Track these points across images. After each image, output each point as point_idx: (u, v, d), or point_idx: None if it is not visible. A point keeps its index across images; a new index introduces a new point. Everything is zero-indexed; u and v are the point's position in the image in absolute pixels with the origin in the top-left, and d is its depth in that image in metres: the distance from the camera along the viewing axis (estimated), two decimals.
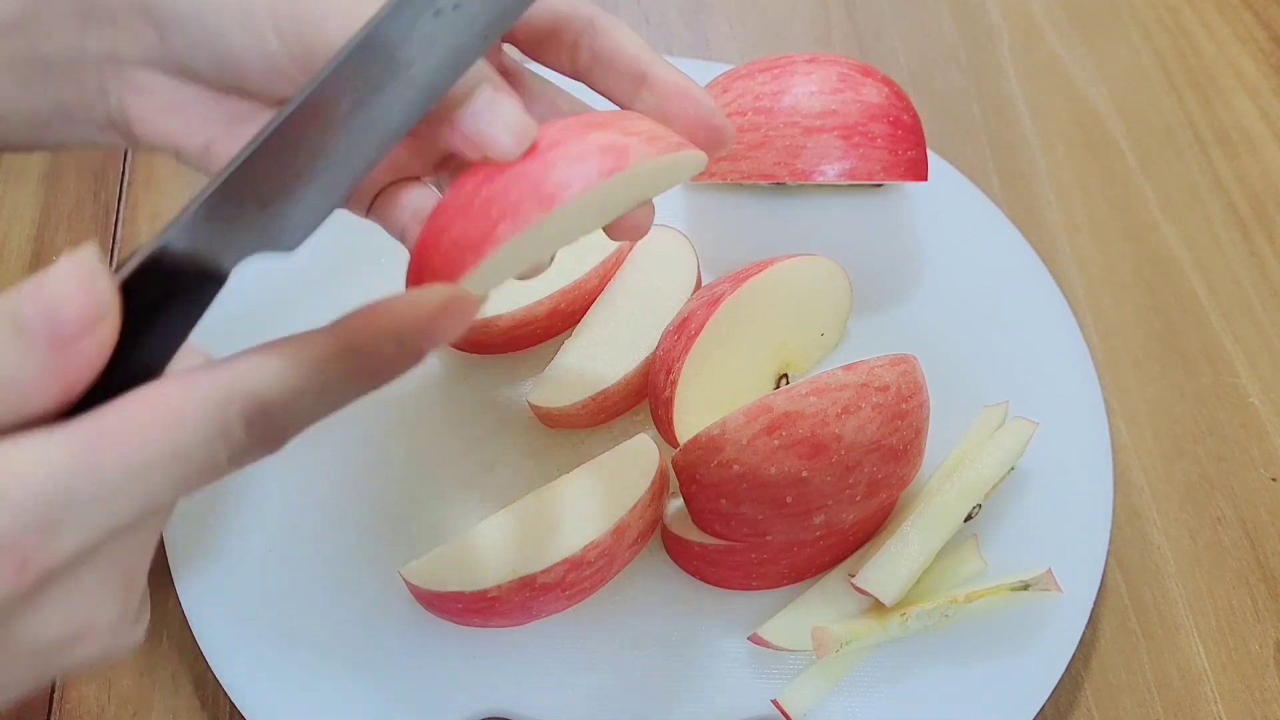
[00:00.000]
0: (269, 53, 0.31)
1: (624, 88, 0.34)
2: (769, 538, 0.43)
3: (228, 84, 0.34)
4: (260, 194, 0.27)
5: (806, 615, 0.44)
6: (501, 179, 0.29)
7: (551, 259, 0.36)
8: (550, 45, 0.36)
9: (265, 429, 0.24)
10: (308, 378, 0.25)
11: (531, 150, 0.30)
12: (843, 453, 0.41)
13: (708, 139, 0.34)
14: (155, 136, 0.35)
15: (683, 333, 0.46)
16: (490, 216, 0.29)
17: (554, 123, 0.31)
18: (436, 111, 0.30)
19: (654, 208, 0.34)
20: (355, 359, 0.25)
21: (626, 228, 0.34)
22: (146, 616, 0.28)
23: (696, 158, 0.33)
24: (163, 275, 0.26)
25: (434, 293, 0.26)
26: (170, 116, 0.35)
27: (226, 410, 0.24)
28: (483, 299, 0.28)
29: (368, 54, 0.28)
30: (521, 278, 0.35)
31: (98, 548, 0.24)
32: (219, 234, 0.27)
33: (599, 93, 0.35)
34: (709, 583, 0.46)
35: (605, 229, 0.34)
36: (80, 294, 0.23)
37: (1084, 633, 0.46)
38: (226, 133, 0.35)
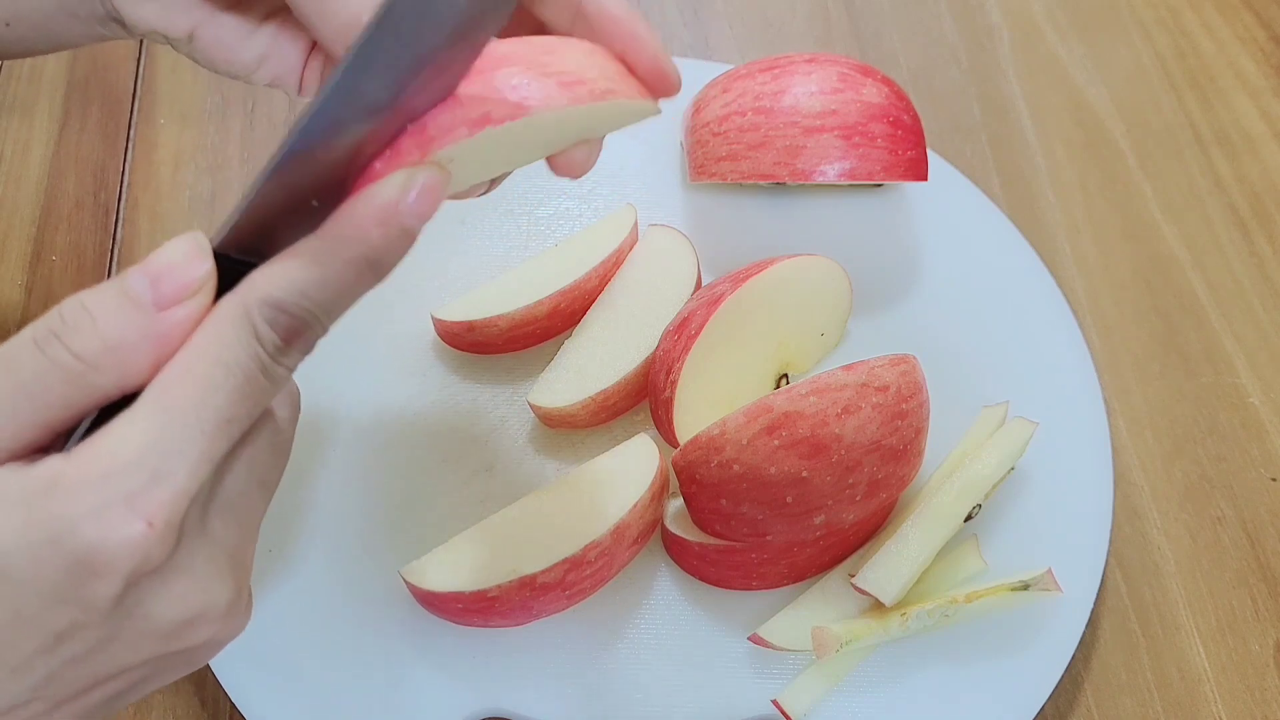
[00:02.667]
0: None
1: (562, 16, 0.33)
2: (769, 538, 0.43)
3: None
4: (310, 182, 0.28)
5: (806, 615, 0.44)
6: (480, 81, 0.29)
7: (486, 187, 0.37)
8: None
9: (287, 325, 0.26)
10: (309, 275, 0.26)
11: (493, 61, 0.29)
12: (843, 453, 0.41)
13: (652, 82, 0.33)
14: (141, 24, 0.38)
15: (683, 333, 0.46)
16: (468, 110, 0.29)
17: (519, 40, 0.30)
18: None
19: (599, 148, 0.34)
20: (347, 249, 0.26)
21: (567, 163, 0.33)
22: (251, 604, 0.29)
23: (650, 108, 0.32)
24: (234, 263, 0.27)
25: (398, 175, 0.27)
26: (150, 5, 0.37)
27: (250, 317, 0.26)
28: (448, 176, 0.28)
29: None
30: (454, 197, 0.35)
31: (204, 519, 0.27)
32: (277, 221, 0.28)
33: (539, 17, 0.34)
34: (709, 583, 0.46)
35: (547, 159, 0.34)
36: (186, 264, 0.26)
37: (1084, 633, 0.46)
38: (210, 20, 0.38)
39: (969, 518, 0.45)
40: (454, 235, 0.53)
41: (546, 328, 0.50)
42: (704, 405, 0.46)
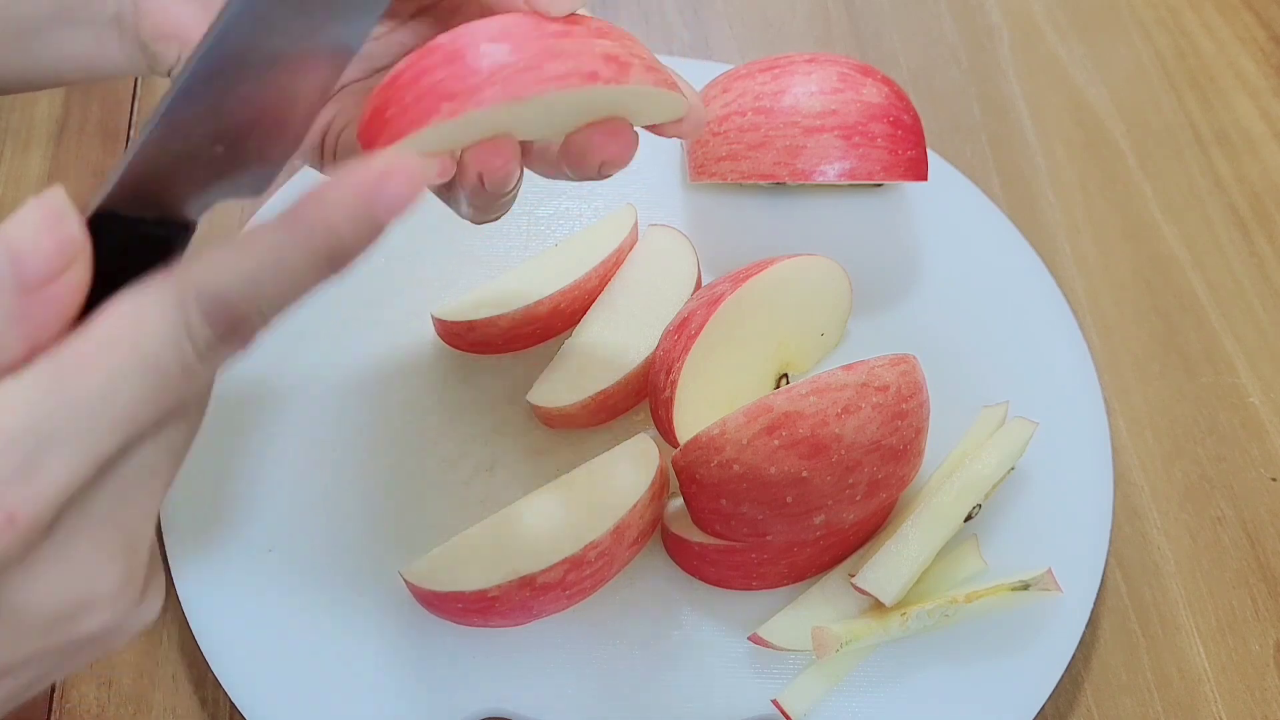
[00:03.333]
0: None
1: None
2: (769, 538, 0.43)
3: None
4: (209, 127, 0.26)
5: (806, 615, 0.44)
6: (497, 46, 0.29)
7: (508, 208, 0.37)
8: None
9: (227, 320, 0.23)
10: (262, 264, 0.23)
11: (541, 32, 0.29)
12: (843, 453, 0.41)
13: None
14: (165, 26, 0.34)
15: (683, 333, 0.46)
16: (480, 75, 0.29)
17: (568, 15, 0.31)
18: None
19: (635, 141, 0.33)
20: (309, 239, 0.23)
21: (602, 152, 0.33)
22: (159, 593, 0.26)
23: (682, 102, 0.33)
24: (129, 222, 0.25)
25: (377, 160, 0.24)
26: (182, 7, 0.34)
27: (185, 307, 0.23)
28: (432, 166, 0.27)
29: None
30: (480, 219, 0.36)
31: (89, 499, 0.23)
32: (176, 172, 0.25)
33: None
34: (709, 583, 0.46)
35: (575, 157, 0.34)
36: (47, 236, 0.22)
37: (1084, 633, 0.46)
38: None
39: (969, 518, 0.45)
40: (454, 235, 0.53)
41: (546, 328, 0.50)
42: (704, 405, 0.46)
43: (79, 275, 0.23)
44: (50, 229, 0.22)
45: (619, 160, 0.33)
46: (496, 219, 0.37)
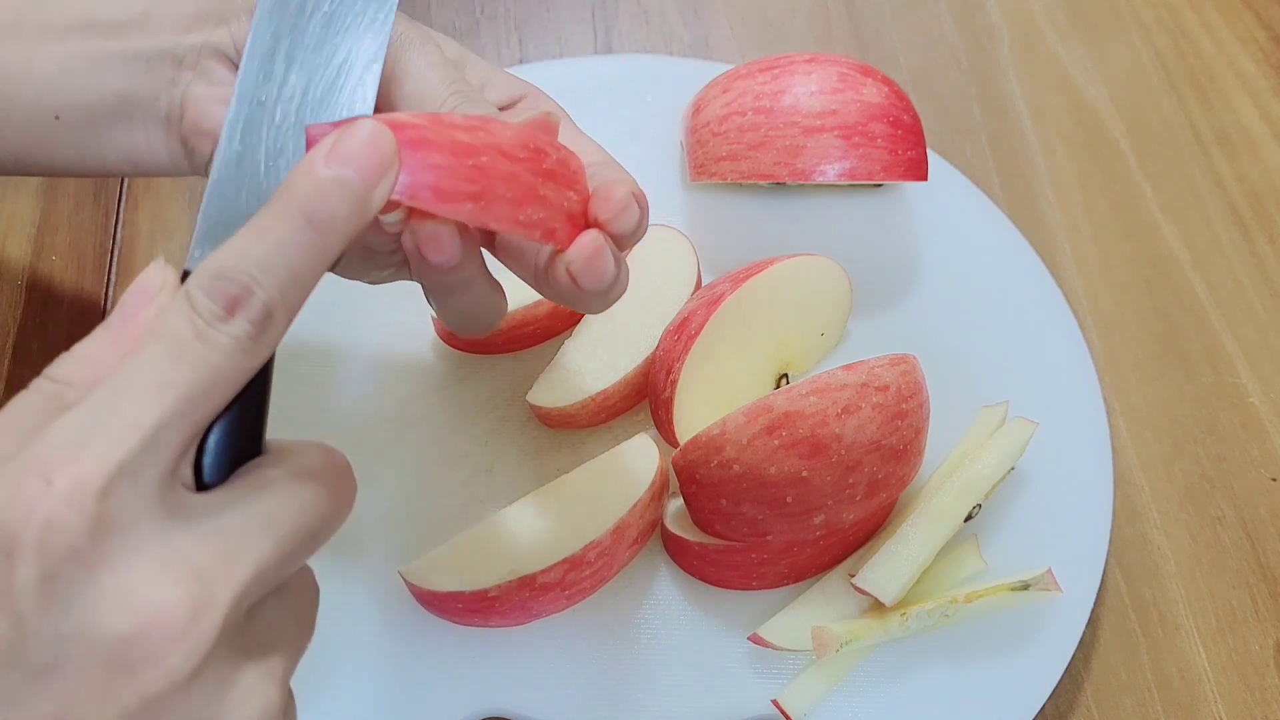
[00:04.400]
0: None
1: None
2: (769, 538, 0.43)
3: None
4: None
5: (806, 615, 0.44)
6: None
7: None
8: None
9: (226, 291, 0.25)
10: (245, 235, 0.25)
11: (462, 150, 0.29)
12: (843, 453, 0.41)
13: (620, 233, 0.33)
14: (203, 124, 0.36)
15: (683, 333, 0.46)
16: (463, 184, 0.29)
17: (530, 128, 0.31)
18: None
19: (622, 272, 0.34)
20: (277, 203, 0.26)
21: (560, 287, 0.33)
22: (265, 697, 0.25)
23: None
24: None
25: (361, 128, 0.26)
26: (222, 109, 0.36)
27: (189, 289, 0.25)
28: (384, 132, 0.28)
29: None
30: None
31: (149, 506, 0.24)
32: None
33: None
34: (709, 583, 0.46)
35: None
36: (144, 280, 0.26)
37: (1084, 633, 0.46)
38: None
39: (969, 518, 0.45)
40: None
41: (546, 328, 0.50)
42: (704, 405, 0.46)
43: (164, 301, 0.26)
44: (146, 276, 0.27)
45: (593, 283, 0.33)
46: (479, 330, 0.38)
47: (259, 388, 0.27)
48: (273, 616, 0.26)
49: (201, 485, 0.26)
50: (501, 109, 0.38)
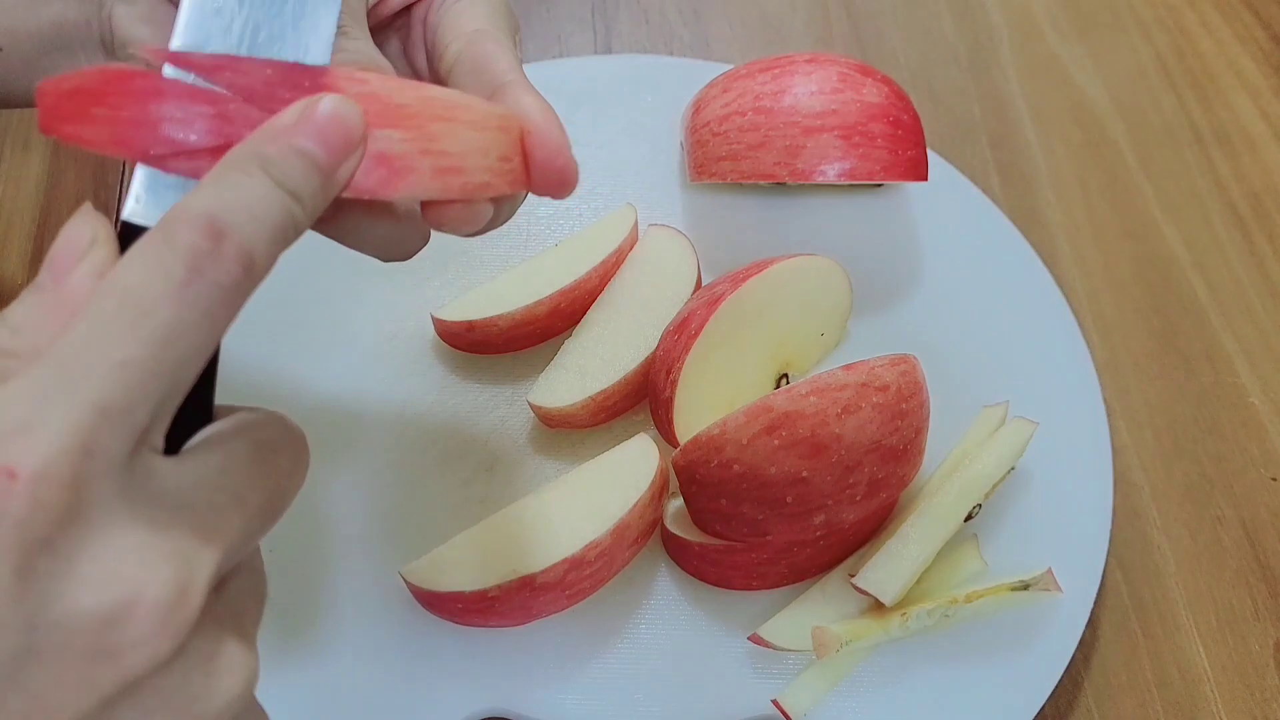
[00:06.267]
0: None
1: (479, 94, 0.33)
2: (769, 538, 0.43)
3: None
4: None
5: (806, 615, 0.44)
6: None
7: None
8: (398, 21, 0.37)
9: (211, 229, 0.23)
10: (225, 186, 0.24)
11: (385, 112, 0.28)
12: (843, 453, 0.41)
13: (545, 181, 0.32)
14: (129, 46, 0.37)
15: (683, 333, 0.46)
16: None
17: (425, 88, 0.29)
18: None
19: (488, 211, 0.32)
20: (263, 135, 0.25)
21: (440, 217, 0.32)
22: (240, 664, 0.25)
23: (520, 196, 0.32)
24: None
25: (326, 100, 0.25)
26: (144, 27, 0.37)
27: (162, 227, 0.23)
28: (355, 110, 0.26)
29: None
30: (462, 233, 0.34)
31: (121, 478, 0.22)
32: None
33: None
34: (709, 583, 0.46)
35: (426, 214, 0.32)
36: (73, 231, 0.24)
37: (1084, 633, 0.46)
38: None
39: (969, 518, 0.45)
40: (454, 236, 0.53)
41: (546, 328, 0.50)
42: (704, 405, 0.46)
43: (100, 254, 0.24)
44: (74, 226, 0.24)
45: (458, 227, 0.32)
46: (399, 256, 0.36)
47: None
48: (239, 585, 0.26)
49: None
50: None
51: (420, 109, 0.28)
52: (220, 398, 0.27)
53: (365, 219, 0.33)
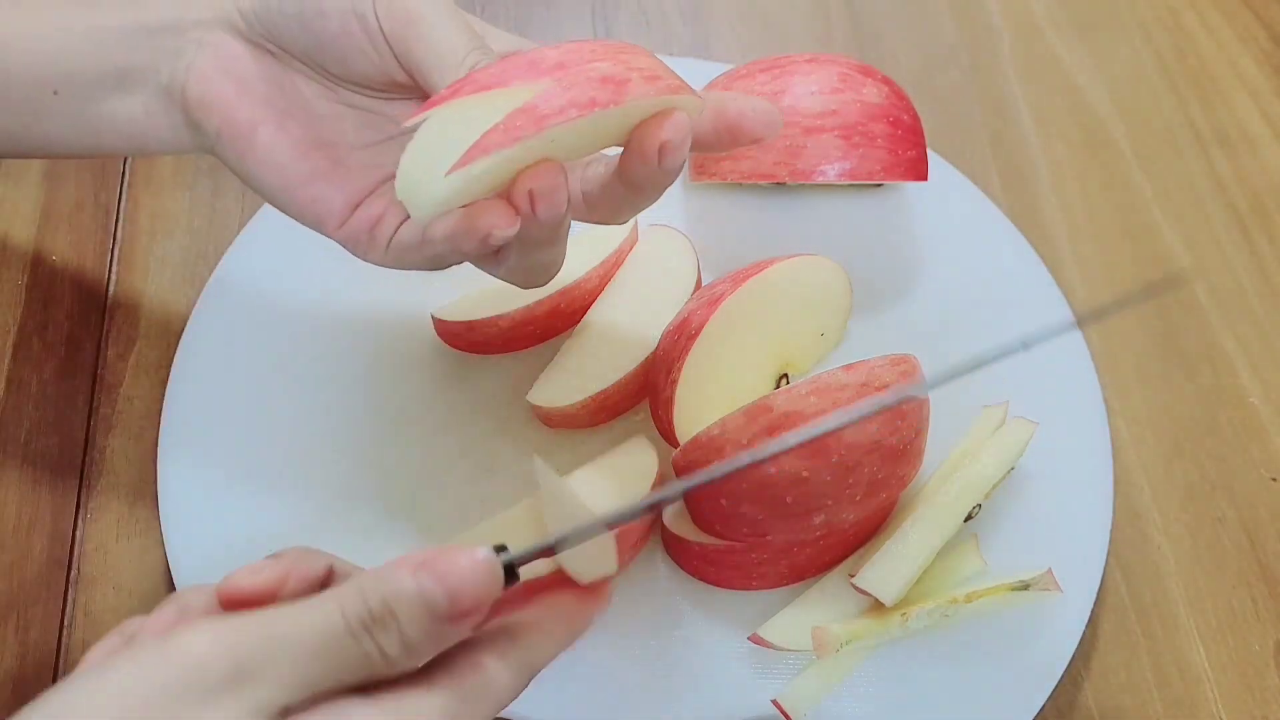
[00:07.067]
0: (361, 28, 0.35)
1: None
2: (769, 538, 0.43)
3: (306, 53, 0.36)
4: None
5: (806, 615, 0.44)
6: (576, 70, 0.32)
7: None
8: None
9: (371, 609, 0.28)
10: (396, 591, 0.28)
11: (535, 68, 0.32)
12: (843, 453, 0.41)
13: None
14: (207, 96, 0.36)
15: (683, 333, 0.46)
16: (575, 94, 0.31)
17: (560, 46, 0.32)
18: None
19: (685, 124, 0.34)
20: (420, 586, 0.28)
21: (656, 137, 0.34)
22: None
23: (693, 103, 0.34)
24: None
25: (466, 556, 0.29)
26: (226, 81, 0.36)
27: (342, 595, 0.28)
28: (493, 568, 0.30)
29: None
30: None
31: None
32: None
33: None
34: (709, 583, 0.46)
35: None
36: (482, 586, 0.28)
37: (1084, 633, 0.46)
38: (276, 124, 0.36)
39: (969, 518, 0.45)
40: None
41: (546, 328, 0.50)
42: (704, 405, 0.46)
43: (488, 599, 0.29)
44: (484, 582, 0.28)
45: (674, 142, 0.34)
46: (543, 281, 0.40)
47: None
48: None
49: None
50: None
51: (606, 47, 0.33)
52: (220, 393, 0.28)
53: (538, 250, 0.37)
